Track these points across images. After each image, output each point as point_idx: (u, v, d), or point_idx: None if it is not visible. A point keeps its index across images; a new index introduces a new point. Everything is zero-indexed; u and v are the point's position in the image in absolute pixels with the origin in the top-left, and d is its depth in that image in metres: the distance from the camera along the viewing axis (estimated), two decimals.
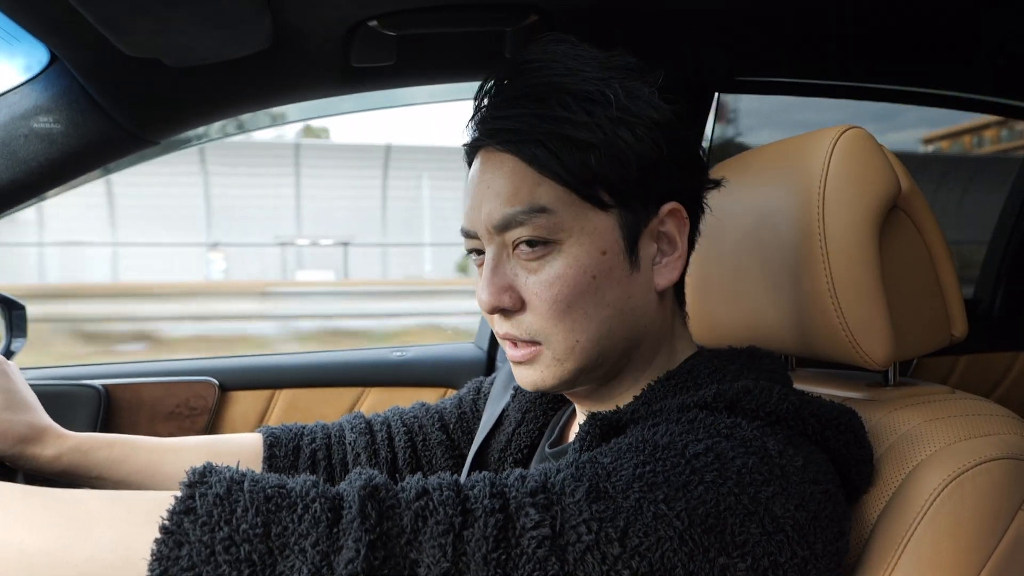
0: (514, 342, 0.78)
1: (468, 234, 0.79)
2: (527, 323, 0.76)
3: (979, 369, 1.88)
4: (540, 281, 0.74)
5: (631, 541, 0.58)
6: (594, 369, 0.77)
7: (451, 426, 1.08)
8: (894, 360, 0.85)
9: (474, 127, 0.79)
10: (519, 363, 0.78)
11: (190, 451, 0.98)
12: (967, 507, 0.71)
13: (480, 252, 0.79)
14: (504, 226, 0.74)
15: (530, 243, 0.74)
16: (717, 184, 0.84)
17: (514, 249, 0.76)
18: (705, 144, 1.58)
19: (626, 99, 0.74)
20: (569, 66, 0.75)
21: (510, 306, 0.76)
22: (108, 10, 0.83)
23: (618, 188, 0.74)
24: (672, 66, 0.78)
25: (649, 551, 0.58)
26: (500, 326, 0.78)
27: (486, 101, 0.78)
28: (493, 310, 0.76)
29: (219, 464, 0.61)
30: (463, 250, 0.82)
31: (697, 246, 0.84)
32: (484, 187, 0.76)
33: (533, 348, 0.76)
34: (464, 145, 0.81)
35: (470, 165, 0.81)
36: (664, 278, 0.78)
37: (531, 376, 0.78)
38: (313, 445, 1.04)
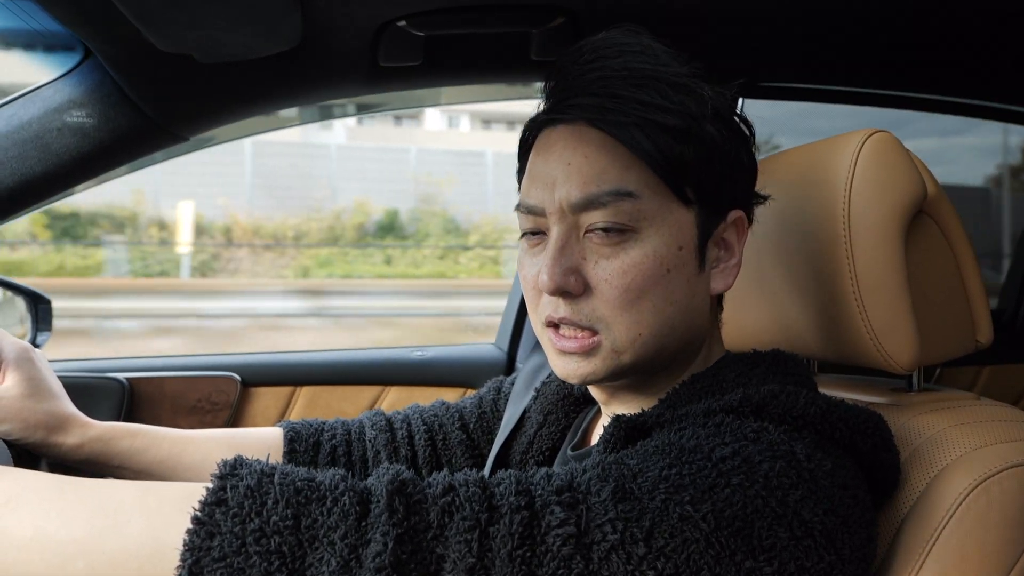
0: (568, 330, 0.75)
1: (532, 210, 0.76)
2: (589, 308, 0.73)
3: (1003, 380, 1.86)
4: (613, 268, 0.72)
5: (656, 542, 0.57)
6: (647, 364, 0.76)
7: (471, 425, 1.08)
8: (919, 364, 0.84)
9: (554, 100, 0.76)
10: (570, 353, 0.75)
11: (211, 443, 0.99)
12: (994, 511, 0.70)
13: (535, 232, 0.77)
14: (583, 206, 0.72)
15: (607, 228, 0.72)
16: (764, 199, 0.83)
17: (586, 232, 0.73)
18: None
19: (713, 97, 0.74)
20: (661, 58, 0.74)
21: (574, 289, 0.73)
22: (144, 5, 0.84)
23: (702, 184, 0.74)
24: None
25: (675, 552, 0.57)
26: (558, 310, 0.74)
27: (570, 75, 0.75)
28: (556, 292, 0.73)
29: (249, 457, 0.61)
30: None
31: None
32: (563, 164, 0.73)
33: (592, 339, 0.74)
34: (539, 116, 0.78)
35: (531, 139, 0.80)
36: (720, 283, 0.78)
37: (583, 368, 0.75)
38: (333, 441, 1.04)
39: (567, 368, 0.76)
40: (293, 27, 0.99)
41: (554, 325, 0.76)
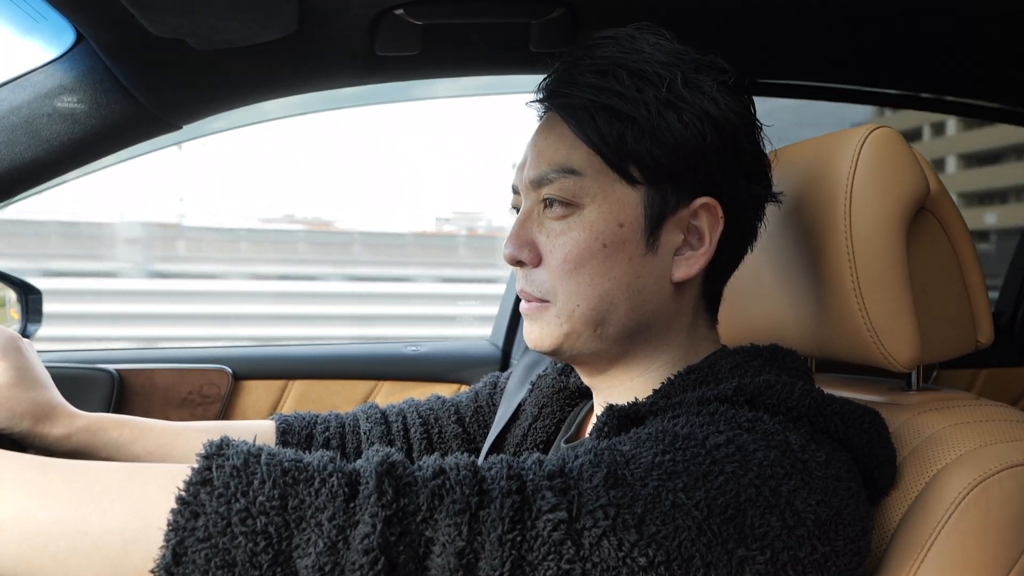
0: (527, 297, 0.81)
1: (514, 189, 0.84)
2: (539, 280, 0.78)
3: (999, 384, 1.85)
4: (556, 240, 0.77)
5: (648, 528, 0.57)
6: (592, 340, 0.77)
7: (467, 419, 1.08)
8: (919, 363, 0.83)
9: (542, 90, 0.82)
10: (527, 316, 0.81)
11: (201, 435, 0.98)
12: (993, 511, 0.69)
13: (518, 209, 0.83)
14: (537, 183, 0.78)
15: (555, 202, 0.77)
16: (774, 197, 0.83)
17: (544, 208, 0.78)
18: None
19: (683, 86, 0.74)
20: (638, 47, 0.77)
21: (528, 261, 0.78)
22: None
23: (649, 167, 0.74)
24: None
25: (666, 539, 0.57)
26: (519, 280, 0.81)
27: (560, 67, 0.80)
28: (511, 261, 0.80)
29: (236, 439, 0.60)
30: None
31: None
32: (532, 145, 0.80)
33: (540, 304, 0.79)
34: (528, 104, 0.85)
35: None
36: (681, 271, 0.77)
37: (533, 332, 0.80)
38: (326, 434, 1.04)
39: (526, 333, 0.81)
40: (289, 13, 0.98)
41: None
